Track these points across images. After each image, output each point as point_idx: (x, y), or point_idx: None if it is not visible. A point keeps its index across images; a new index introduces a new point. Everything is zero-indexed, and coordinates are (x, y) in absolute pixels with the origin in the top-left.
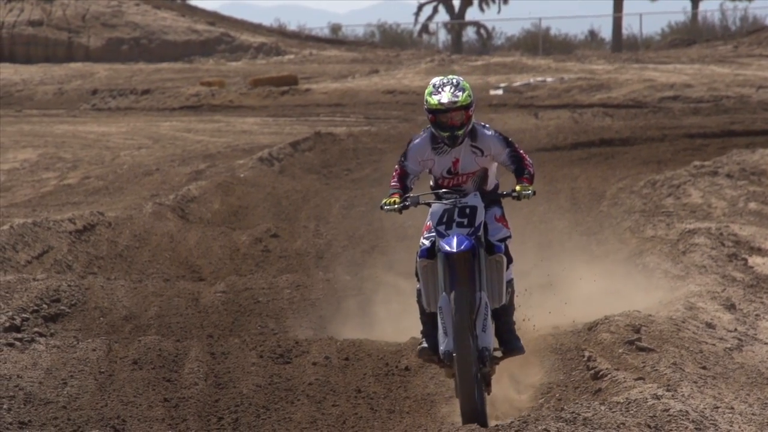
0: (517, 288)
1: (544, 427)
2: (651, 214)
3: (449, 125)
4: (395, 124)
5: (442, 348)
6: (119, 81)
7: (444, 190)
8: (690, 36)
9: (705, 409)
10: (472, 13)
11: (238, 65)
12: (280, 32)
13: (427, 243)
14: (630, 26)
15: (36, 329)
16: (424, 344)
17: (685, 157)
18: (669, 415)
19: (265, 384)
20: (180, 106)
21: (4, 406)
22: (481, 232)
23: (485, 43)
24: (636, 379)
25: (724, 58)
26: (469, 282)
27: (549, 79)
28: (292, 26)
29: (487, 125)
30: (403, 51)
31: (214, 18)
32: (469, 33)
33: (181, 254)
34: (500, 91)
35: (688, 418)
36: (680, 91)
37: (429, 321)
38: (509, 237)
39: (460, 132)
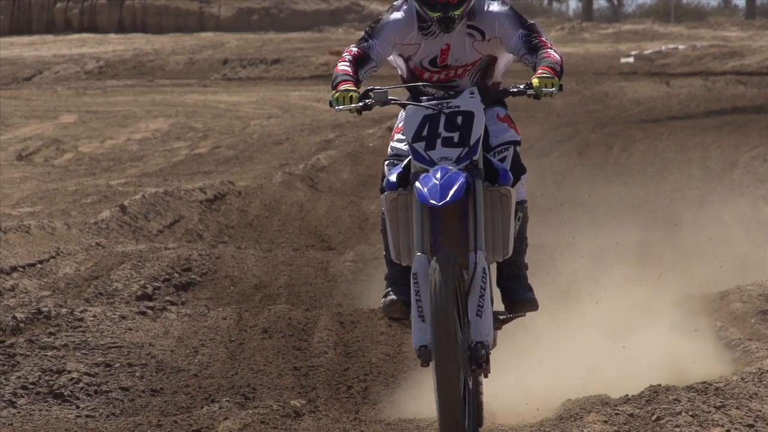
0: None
1: (675, 397)
2: None
3: (441, 2)
4: None
5: (416, 341)
6: (249, 51)
7: (424, 83)
8: None
9: None
10: None
11: None
12: None
13: (397, 165)
14: None
15: (167, 298)
16: (392, 295)
17: None
18: None
19: (393, 353)
20: (309, 75)
21: (137, 374)
22: (478, 155)
23: (616, 10)
24: None
25: None
26: (459, 236)
27: (681, 47)
28: None
29: None
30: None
31: None
32: (600, 1)
33: (311, 223)
34: (631, 59)
35: None
36: None
37: (399, 267)
38: (518, 142)
39: (458, 12)
